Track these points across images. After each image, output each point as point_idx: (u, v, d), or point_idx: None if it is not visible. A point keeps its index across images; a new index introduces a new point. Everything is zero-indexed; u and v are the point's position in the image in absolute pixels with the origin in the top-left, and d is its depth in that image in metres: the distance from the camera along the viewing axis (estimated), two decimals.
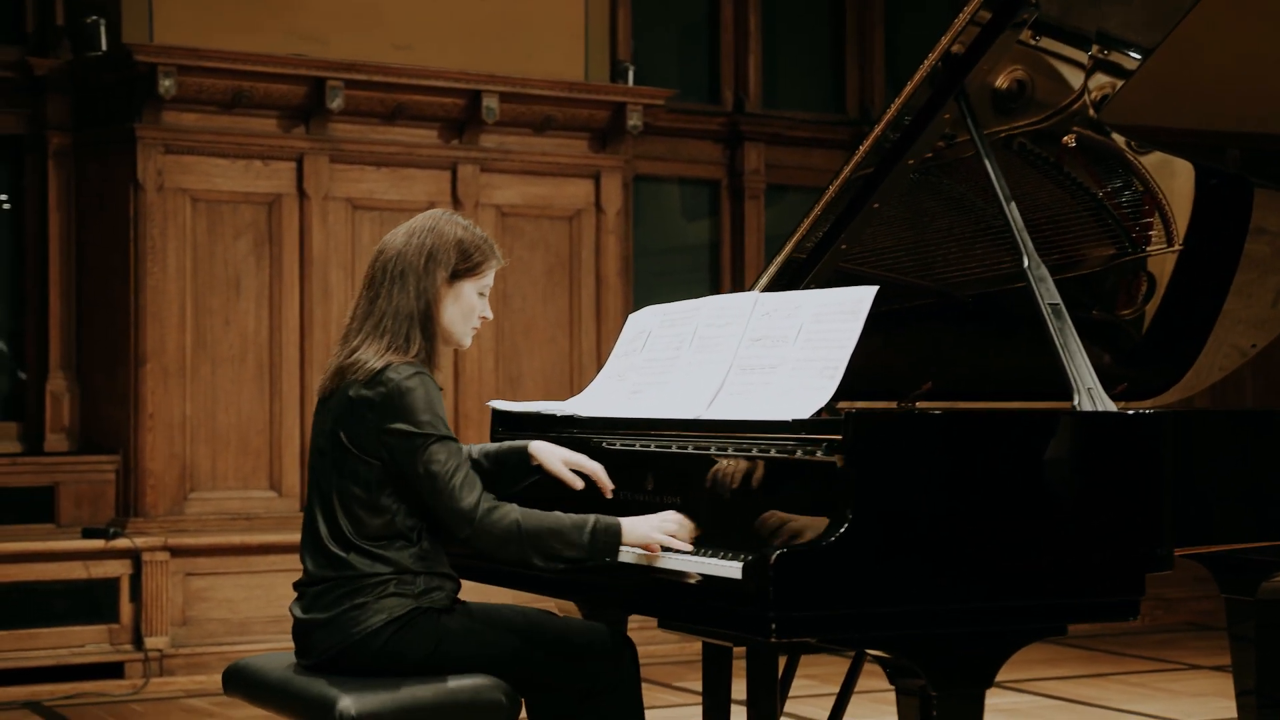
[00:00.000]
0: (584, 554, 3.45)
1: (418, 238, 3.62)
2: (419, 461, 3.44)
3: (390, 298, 3.58)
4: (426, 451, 3.44)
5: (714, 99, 8.89)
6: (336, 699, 3.27)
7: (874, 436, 3.18)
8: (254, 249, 7.49)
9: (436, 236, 3.64)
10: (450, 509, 3.44)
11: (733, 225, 8.83)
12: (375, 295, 3.60)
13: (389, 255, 3.63)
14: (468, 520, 3.43)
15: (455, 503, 3.44)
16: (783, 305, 3.74)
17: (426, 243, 3.62)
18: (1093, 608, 3.33)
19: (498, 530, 3.44)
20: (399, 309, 3.57)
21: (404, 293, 3.58)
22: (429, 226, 3.65)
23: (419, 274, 3.60)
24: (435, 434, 3.45)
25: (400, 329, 3.56)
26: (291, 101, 7.46)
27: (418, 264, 3.60)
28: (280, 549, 7.30)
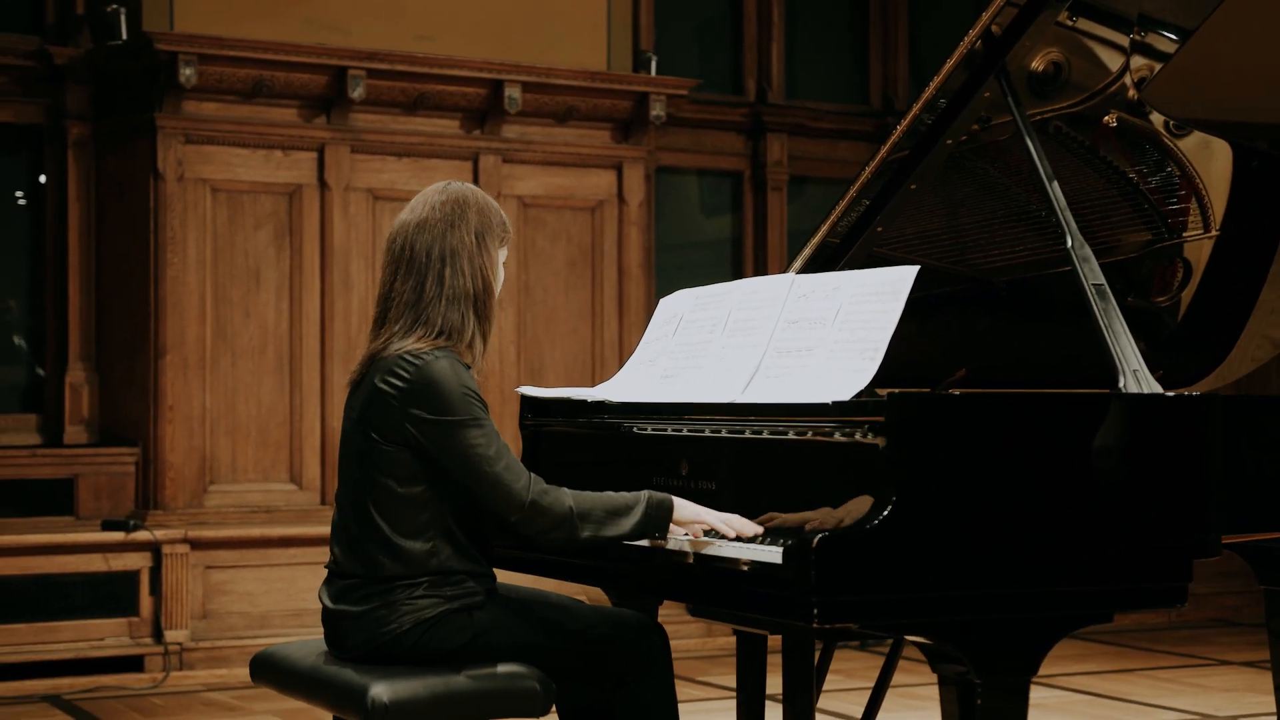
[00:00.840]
0: (636, 529, 3.34)
1: (457, 211, 3.45)
2: (457, 448, 3.32)
3: (441, 281, 3.40)
4: (464, 436, 3.32)
5: (737, 90, 8.82)
6: (368, 687, 3.20)
7: (917, 418, 3.11)
8: (274, 240, 7.44)
9: (480, 207, 3.48)
10: (498, 494, 3.32)
11: (755, 218, 8.77)
12: (420, 282, 3.41)
13: (428, 232, 3.43)
14: (519, 504, 3.32)
15: (503, 487, 3.32)
16: (820, 287, 3.67)
17: (471, 217, 3.46)
18: (1140, 594, 3.26)
19: (551, 513, 3.33)
20: (454, 292, 3.40)
21: (458, 274, 3.41)
22: (460, 198, 3.48)
23: (472, 251, 3.43)
24: (470, 417, 3.35)
25: (454, 316, 3.39)
26: (313, 91, 7.41)
27: (469, 241, 3.44)
28: (301, 542, 7.24)
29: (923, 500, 3.07)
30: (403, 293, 3.43)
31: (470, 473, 3.33)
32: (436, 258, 3.42)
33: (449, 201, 3.47)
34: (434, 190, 3.52)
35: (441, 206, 3.47)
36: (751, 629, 3.84)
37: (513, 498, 3.32)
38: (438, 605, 3.33)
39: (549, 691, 3.34)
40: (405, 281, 3.44)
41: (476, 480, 3.33)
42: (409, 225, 3.47)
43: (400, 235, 3.47)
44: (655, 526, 3.36)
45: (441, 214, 3.46)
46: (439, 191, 3.50)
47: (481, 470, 3.32)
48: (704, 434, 3.62)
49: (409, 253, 3.45)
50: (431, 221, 3.45)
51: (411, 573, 3.34)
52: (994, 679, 3.15)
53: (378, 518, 3.36)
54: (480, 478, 3.33)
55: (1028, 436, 3.19)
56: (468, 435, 3.33)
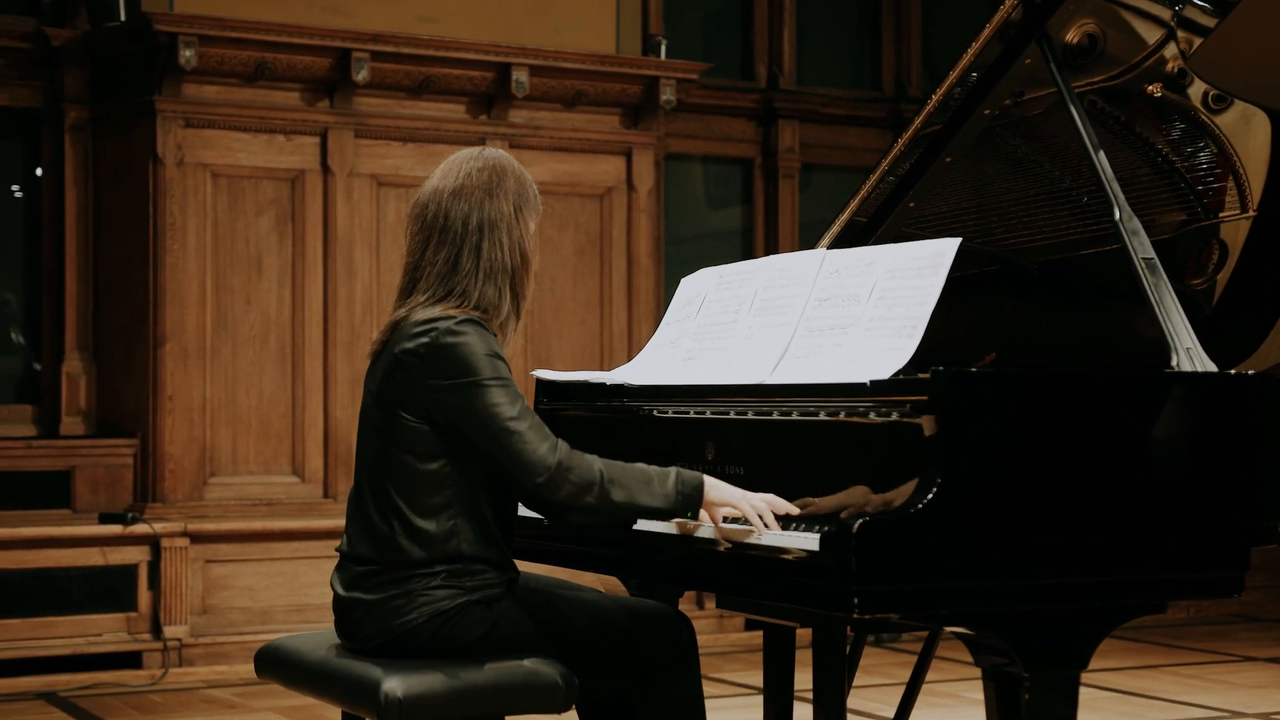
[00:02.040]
0: (669, 505, 3.16)
1: (495, 179, 3.24)
2: (478, 409, 3.11)
3: (478, 254, 3.20)
4: (485, 396, 3.11)
5: (747, 75, 8.65)
6: (381, 681, 3.03)
7: (964, 397, 2.94)
8: (276, 226, 7.26)
9: (518, 176, 3.28)
10: (522, 456, 3.11)
11: (766, 205, 8.59)
12: (454, 253, 3.20)
13: (465, 203, 3.21)
14: (544, 466, 3.11)
15: (528, 448, 3.11)
16: (853, 262, 3.50)
17: (510, 186, 3.25)
18: (1195, 583, 3.10)
19: (578, 477, 3.12)
20: (491, 266, 3.21)
21: (496, 247, 3.21)
22: (499, 165, 3.27)
23: (511, 223, 3.23)
24: (493, 377, 3.13)
25: (490, 292, 3.20)
26: (316, 74, 7.23)
27: (507, 211, 3.23)
28: (303, 535, 7.07)
29: (969, 483, 2.90)
30: (434, 263, 3.23)
31: (491, 434, 3.13)
32: (474, 228, 3.22)
33: (486, 169, 3.27)
34: (467, 156, 3.31)
35: (479, 174, 3.26)
36: (780, 621, 3.67)
37: (538, 460, 3.12)
38: (456, 597, 3.16)
39: (571, 686, 3.16)
40: (439, 251, 3.23)
41: (498, 442, 3.13)
42: (443, 192, 3.25)
43: (434, 202, 3.26)
44: (687, 505, 3.18)
45: (479, 181, 3.25)
46: (473, 158, 3.30)
47: (504, 430, 3.12)
48: (731, 416, 3.45)
49: (442, 221, 3.24)
50: (468, 189, 3.24)
51: (429, 558, 3.16)
52: (1042, 673, 2.98)
53: (396, 496, 3.18)
54: (502, 440, 3.12)
55: (1079, 416, 3.02)
56: (489, 395, 3.13)
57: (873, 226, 4.11)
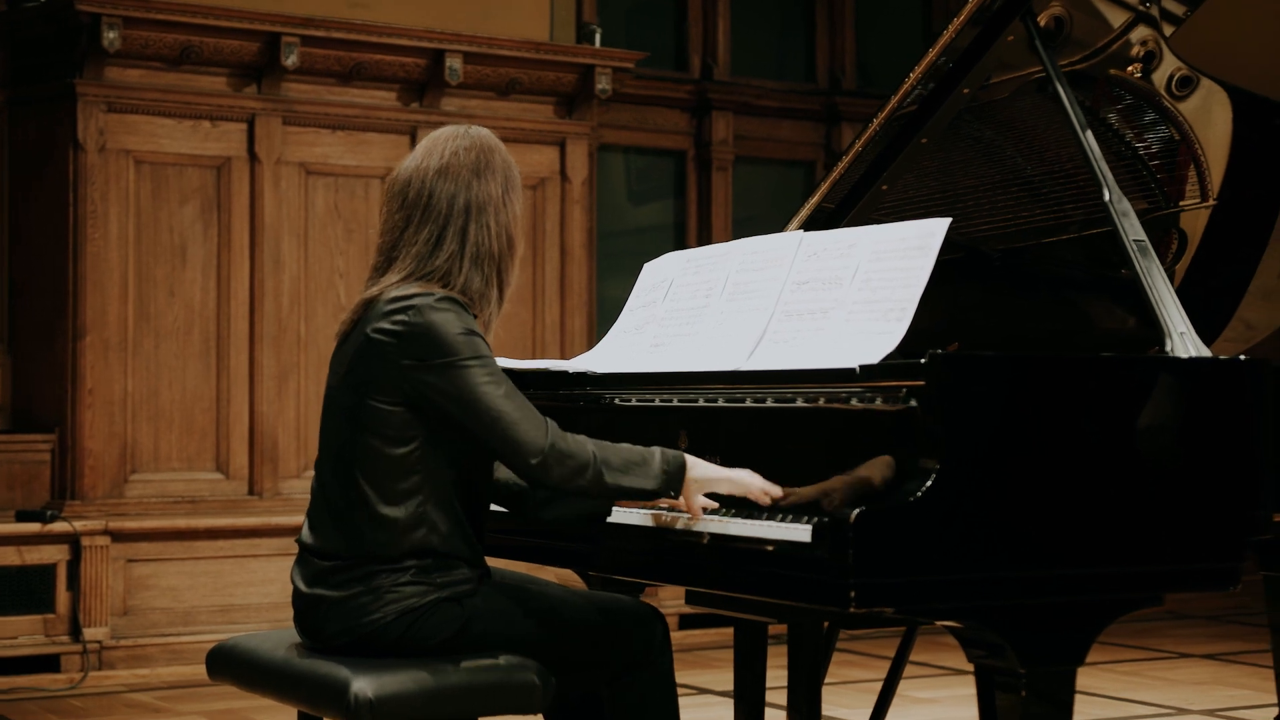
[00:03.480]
0: (656, 485, 3.03)
1: (484, 159, 3.10)
2: (465, 390, 2.96)
3: (464, 238, 3.05)
4: (470, 377, 2.96)
5: (681, 66, 8.53)
6: (349, 681, 2.86)
7: (962, 382, 2.83)
8: (201, 215, 7.04)
9: (505, 156, 3.14)
10: (515, 437, 2.96)
11: (699, 198, 8.47)
12: (437, 234, 3.05)
13: (452, 183, 3.06)
14: (537, 448, 2.97)
15: (519, 430, 2.97)
16: (833, 244, 3.38)
17: (498, 167, 3.11)
18: (1194, 575, 3.00)
19: (572, 459, 2.99)
20: (478, 251, 3.06)
21: (483, 230, 3.07)
22: (487, 144, 3.13)
23: (499, 205, 3.09)
24: (476, 355, 2.99)
25: (476, 279, 3.06)
26: (243, 58, 7.03)
27: (496, 193, 3.09)
28: (228, 534, 6.86)
29: (969, 472, 2.79)
30: (414, 242, 3.08)
31: (482, 416, 2.97)
32: (460, 210, 3.07)
33: (474, 148, 3.13)
34: (451, 134, 3.16)
35: (466, 153, 3.11)
36: (752, 616, 3.54)
37: (530, 441, 2.98)
38: (426, 594, 3.00)
39: (548, 685, 3.02)
40: (420, 230, 3.08)
41: (489, 423, 2.98)
42: (427, 170, 3.10)
43: (416, 179, 3.10)
44: (670, 484, 3.05)
45: (466, 161, 3.10)
46: (459, 136, 3.15)
47: (493, 411, 2.97)
48: (706, 403, 3.32)
49: (426, 199, 3.08)
50: (455, 168, 3.09)
51: (397, 551, 3.00)
52: (1039, 670, 2.87)
53: (364, 484, 3.02)
54: (491, 422, 2.97)
55: (1078, 402, 2.91)
56: (473, 375, 2.98)
57: (841, 212, 3.99)
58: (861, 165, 3.95)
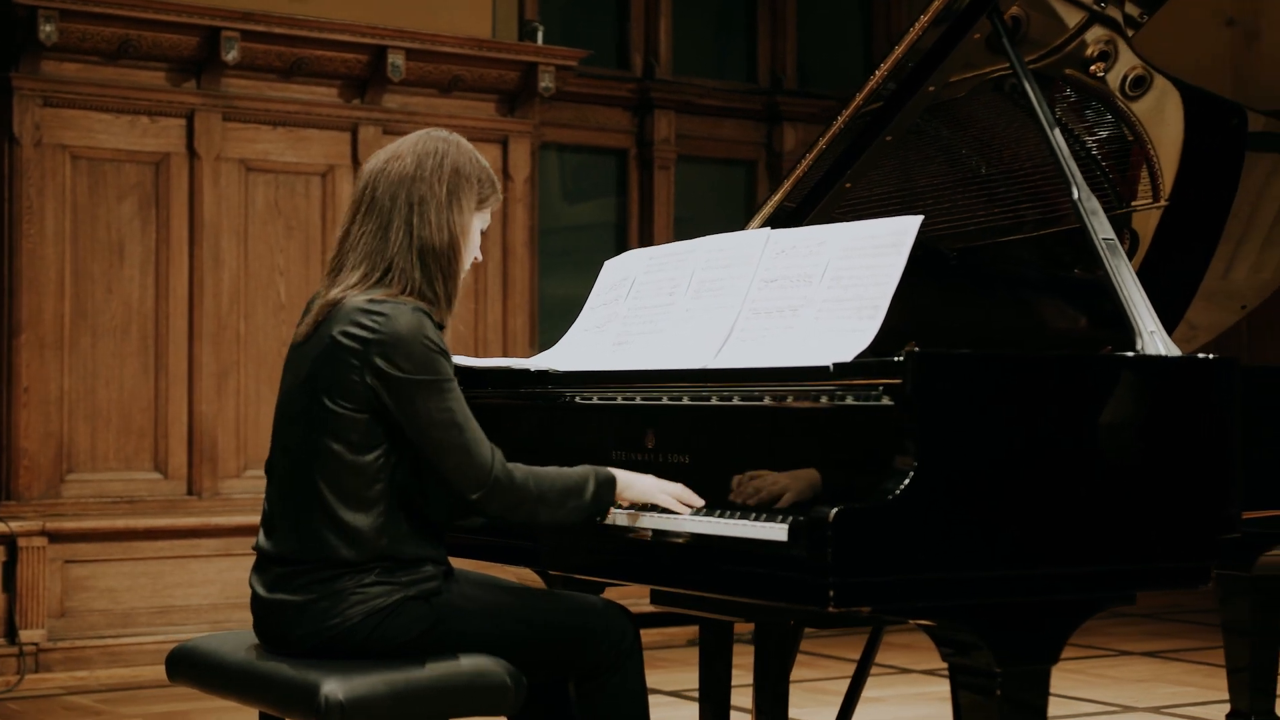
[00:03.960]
0: (588, 512, 3.06)
1: (433, 159, 3.11)
2: (421, 412, 2.97)
3: (409, 230, 3.06)
4: (430, 399, 2.97)
5: (623, 64, 8.49)
6: (319, 684, 2.81)
7: (942, 379, 2.81)
8: (139, 212, 6.94)
9: (458, 156, 3.14)
10: (460, 467, 2.98)
11: (641, 197, 8.44)
12: (382, 226, 3.07)
13: (395, 177, 3.09)
14: (481, 481, 2.99)
15: (467, 459, 2.98)
16: (802, 242, 3.36)
17: (446, 164, 3.11)
18: (1166, 574, 3.00)
19: (513, 491, 3.01)
20: (422, 244, 3.06)
21: (425, 224, 3.07)
22: (440, 147, 3.14)
23: (441, 203, 3.09)
24: (438, 378, 2.99)
25: (416, 273, 3.05)
26: (183, 53, 6.93)
27: (439, 190, 3.09)
28: (167, 534, 6.77)
29: (948, 470, 2.77)
30: (362, 236, 3.10)
31: (432, 441, 2.98)
32: (403, 203, 3.08)
33: (424, 150, 3.14)
34: (411, 138, 3.20)
35: (414, 153, 3.13)
36: (720, 616, 3.51)
37: (477, 473, 2.99)
38: (393, 593, 2.97)
39: (520, 686, 2.98)
40: (364, 224, 3.10)
41: (438, 450, 2.99)
42: (374, 171, 3.15)
43: (370, 178, 3.14)
44: (601, 508, 3.10)
45: (413, 158, 3.12)
46: (417, 139, 3.18)
47: (445, 440, 2.98)
48: (674, 402, 3.29)
49: (370, 195, 3.12)
50: (399, 168, 3.11)
51: (361, 556, 2.97)
52: (1015, 669, 2.86)
53: (325, 490, 2.98)
54: (442, 448, 2.98)
55: (1056, 400, 2.91)
56: (433, 399, 2.98)
57: (804, 210, 3.97)
58: (824, 163, 3.93)
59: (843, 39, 9.12)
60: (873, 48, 9.16)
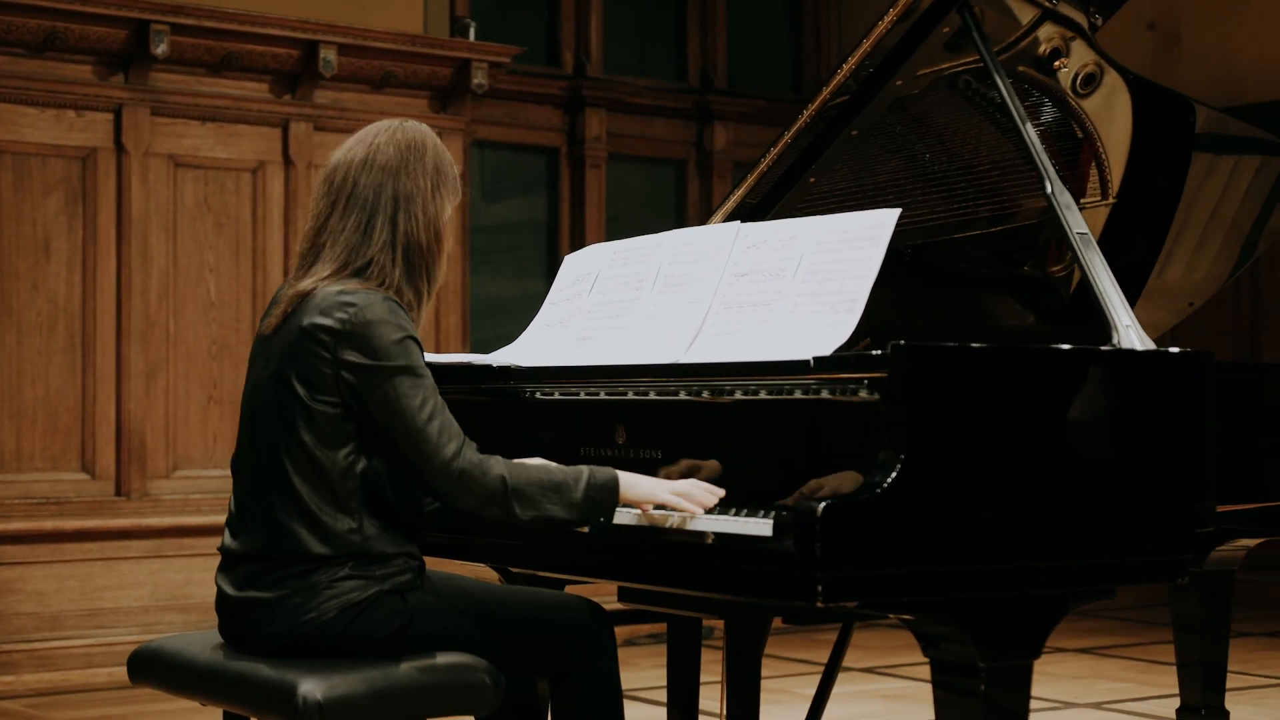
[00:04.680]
0: (576, 515, 2.96)
1: (415, 151, 3.03)
2: (386, 397, 2.90)
3: (394, 227, 2.98)
4: (396, 384, 2.90)
5: (553, 62, 8.44)
6: (296, 684, 2.75)
7: (927, 372, 2.79)
8: (65, 207, 6.81)
9: (438, 150, 3.07)
10: (424, 456, 2.91)
11: (572, 195, 8.40)
12: (365, 222, 2.98)
13: (379, 169, 2.99)
14: (447, 474, 2.90)
15: (433, 450, 2.90)
16: (773, 236, 3.33)
17: (429, 158, 3.04)
18: (1144, 567, 3.00)
19: (483, 487, 2.91)
20: (409, 243, 2.98)
21: (411, 220, 2.99)
22: (420, 138, 3.06)
23: (427, 198, 3.01)
24: (405, 364, 2.92)
25: (397, 271, 2.98)
26: (110, 46, 6.80)
27: (424, 185, 3.01)
28: (95, 536, 6.64)
29: (934, 464, 2.75)
30: (342, 229, 3.01)
31: (397, 427, 2.91)
32: (388, 199, 3.00)
33: (405, 141, 3.06)
34: (384, 126, 3.10)
35: (395, 145, 3.04)
36: (691, 613, 3.47)
37: (441, 463, 2.91)
38: (367, 588, 2.91)
39: (499, 685, 2.93)
40: (345, 218, 3.01)
41: (404, 437, 2.91)
42: (354, 159, 3.04)
43: (343, 167, 3.04)
44: (600, 510, 2.98)
45: (396, 152, 3.03)
46: (392, 129, 3.08)
47: (410, 425, 2.90)
48: (646, 397, 3.25)
49: (350, 187, 3.02)
50: (383, 159, 3.02)
51: (334, 550, 2.91)
52: (998, 663, 2.85)
53: (297, 483, 2.92)
54: (408, 434, 2.91)
55: (1039, 393, 2.90)
56: (399, 384, 2.91)
57: (765, 207, 3.95)
58: (787, 159, 3.91)
59: (771, 38, 9.12)
60: (802, 47, 9.16)
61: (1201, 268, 4.58)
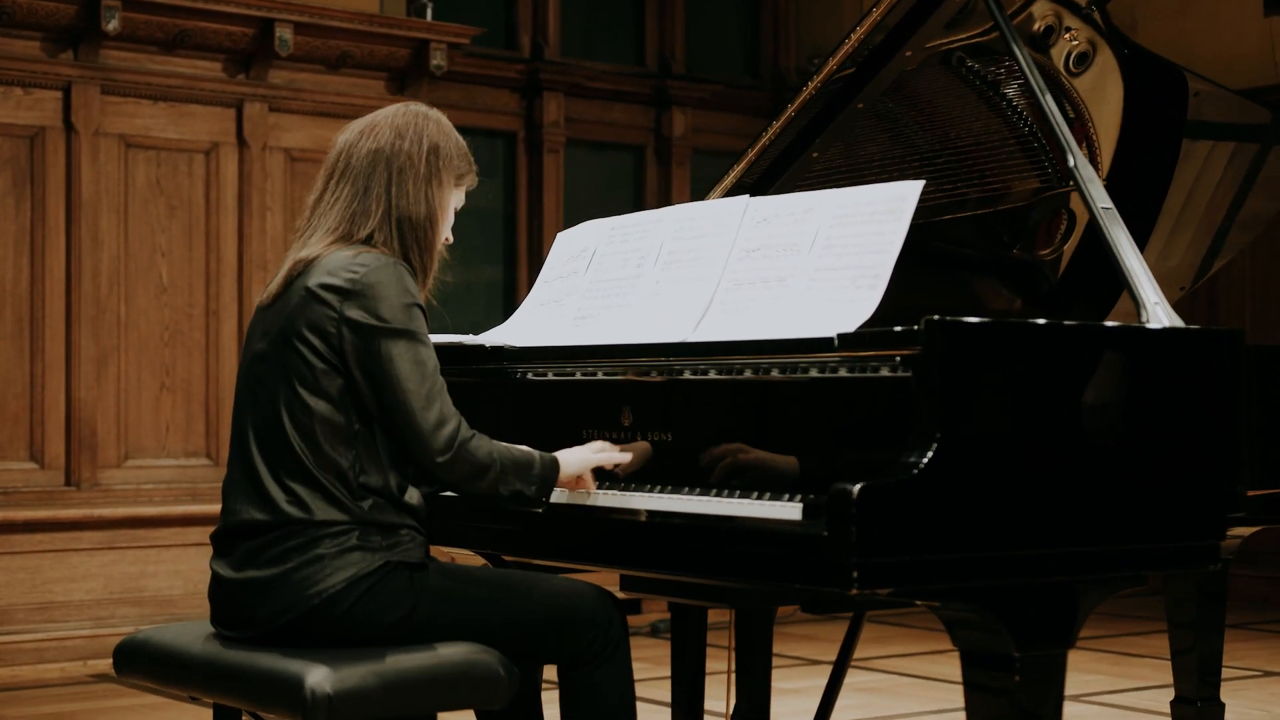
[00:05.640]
0: (534, 491, 2.92)
1: (412, 131, 3.00)
2: (384, 361, 2.82)
3: (387, 198, 2.95)
4: (395, 348, 2.82)
5: (510, 45, 8.28)
6: (303, 675, 2.60)
7: (962, 348, 2.67)
8: (13, 188, 6.60)
9: (437, 132, 3.03)
10: (421, 428, 2.81)
11: (529, 181, 8.24)
12: (361, 192, 2.96)
13: (373, 147, 2.98)
14: (444, 446, 2.82)
15: (426, 421, 2.82)
16: (784, 210, 3.21)
17: (425, 138, 3.00)
18: (1178, 553, 2.89)
19: (476, 460, 2.86)
20: (402, 214, 2.95)
21: (403, 195, 2.96)
22: (418, 121, 3.03)
23: (420, 175, 2.98)
24: (407, 329, 2.84)
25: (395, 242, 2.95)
26: (60, 22, 6.59)
27: (418, 163, 2.97)
28: (45, 527, 6.44)
29: (970, 444, 2.64)
30: (336, 200, 2.97)
31: (393, 394, 2.83)
32: (381, 172, 2.97)
33: (403, 119, 3.04)
34: (391, 109, 3.09)
35: (392, 124, 3.02)
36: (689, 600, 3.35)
37: (438, 435, 2.83)
38: (374, 560, 2.80)
39: (512, 677, 2.80)
40: (339, 189, 2.98)
41: (399, 405, 2.83)
42: (350, 139, 3.04)
43: (345, 147, 3.03)
44: (546, 487, 2.96)
45: (391, 130, 3.01)
46: (397, 110, 3.08)
47: (407, 392, 2.82)
48: (653, 377, 3.12)
49: (344, 162, 3.00)
50: (378, 138, 3.00)
51: (338, 519, 2.81)
52: (1033, 653, 2.73)
53: (304, 449, 2.83)
54: (404, 404, 2.83)
55: (1074, 371, 2.79)
56: (398, 348, 2.84)
57: (764, 184, 3.83)
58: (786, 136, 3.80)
59: (729, 24, 9.01)
60: (760, 33, 9.05)
61: (1175, 255, 4.50)
